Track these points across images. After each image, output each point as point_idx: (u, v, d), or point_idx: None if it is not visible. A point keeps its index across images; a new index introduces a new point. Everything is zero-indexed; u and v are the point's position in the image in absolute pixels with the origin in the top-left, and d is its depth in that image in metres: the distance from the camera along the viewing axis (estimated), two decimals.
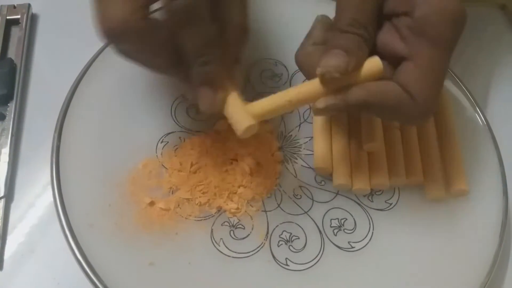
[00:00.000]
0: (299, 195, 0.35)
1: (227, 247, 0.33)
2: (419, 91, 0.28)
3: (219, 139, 0.37)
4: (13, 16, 0.43)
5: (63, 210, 0.32)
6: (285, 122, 0.39)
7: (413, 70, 0.29)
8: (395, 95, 0.29)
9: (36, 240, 0.34)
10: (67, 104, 0.36)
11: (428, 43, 0.28)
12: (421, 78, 0.28)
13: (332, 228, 0.34)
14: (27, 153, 0.37)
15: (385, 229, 0.34)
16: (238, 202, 0.34)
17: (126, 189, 0.34)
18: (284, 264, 0.32)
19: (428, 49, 0.28)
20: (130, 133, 0.36)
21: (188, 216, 0.33)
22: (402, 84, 0.29)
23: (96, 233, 0.32)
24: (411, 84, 0.28)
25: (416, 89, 0.28)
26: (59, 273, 0.32)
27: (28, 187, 0.36)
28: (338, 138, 0.36)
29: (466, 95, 0.41)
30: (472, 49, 0.46)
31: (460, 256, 0.34)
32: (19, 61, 0.40)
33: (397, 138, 0.37)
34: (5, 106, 0.38)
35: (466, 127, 0.39)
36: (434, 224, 0.35)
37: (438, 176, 0.35)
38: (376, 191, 0.36)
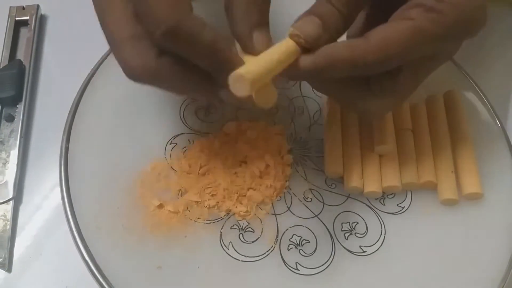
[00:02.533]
0: (310, 198, 0.35)
1: (236, 251, 0.32)
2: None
3: (228, 141, 0.36)
4: (22, 17, 0.43)
5: (71, 212, 0.32)
6: (295, 124, 0.38)
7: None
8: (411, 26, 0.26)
9: (45, 242, 0.34)
10: (75, 106, 0.36)
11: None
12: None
13: (343, 232, 0.34)
14: (36, 155, 0.37)
15: (397, 233, 0.34)
16: (247, 205, 0.34)
17: (135, 191, 0.34)
18: (294, 269, 0.32)
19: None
20: (139, 135, 0.36)
21: (197, 219, 0.33)
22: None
23: (104, 236, 0.32)
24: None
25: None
26: (67, 275, 0.32)
27: (37, 189, 0.36)
28: (349, 140, 0.36)
29: (479, 96, 0.40)
30: (485, 49, 0.46)
31: (474, 261, 0.33)
32: (28, 62, 0.40)
33: (410, 140, 0.36)
34: (14, 108, 0.38)
35: (479, 128, 0.38)
36: (447, 228, 0.34)
37: (451, 179, 0.35)
38: (388, 194, 0.35)
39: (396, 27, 0.26)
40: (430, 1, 0.26)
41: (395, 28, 0.26)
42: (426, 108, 0.38)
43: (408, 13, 0.27)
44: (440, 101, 0.38)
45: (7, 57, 0.40)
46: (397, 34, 0.26)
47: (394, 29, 0.26)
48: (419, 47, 0.27)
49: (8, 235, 0.33)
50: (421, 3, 0.27)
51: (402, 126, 0.36)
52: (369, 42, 0.26)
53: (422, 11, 0.26)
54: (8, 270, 0.32)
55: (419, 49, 0.27)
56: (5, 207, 0.34)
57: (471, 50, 0.45)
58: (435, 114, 0.38)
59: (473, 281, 0.32)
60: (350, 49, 0.26)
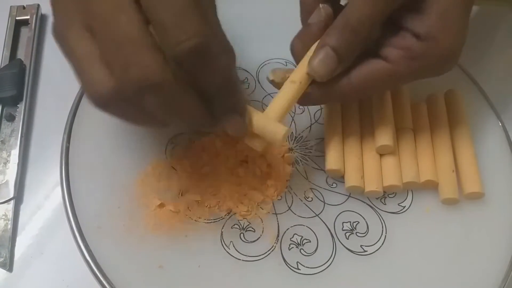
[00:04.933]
0: (310, 197, 0.35)
1: (237, 250, 0.32)
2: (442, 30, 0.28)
3: (229, 141, 0.36)
4: (23, 16, 0.43)
5: (72, 211, 0.32)
6: (296, 123, 0.38)
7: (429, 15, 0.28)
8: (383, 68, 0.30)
9: (45, 241, 0.34)
10: (76, 105, 0.36)
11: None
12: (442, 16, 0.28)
13: (344, 231, 0.34)
14: (37, 155, 0.37)
15: (398, 233, 0.34)
16: (248, 204, 0.34)
17: (136, 191, 0.34)
18: (295, 268, 0.32)
19: None
20: (140, 134, 0.36)
21: (198, 219, 0.33)
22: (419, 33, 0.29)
23: (105, 235, 0.32)
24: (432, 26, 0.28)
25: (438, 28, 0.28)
26: (68, 275, 0.32)
27: (38, 188, 0.36)
28: (350, 139, 0.36)
29: (480, 95, 0.40)
30: (486, 48, 0.46)
31: (475, 261, 0.33)
32: (29, 62, 0.40)
33: (410, 139, 0.36)
34: (14, 107, 0.38)
35: (480, 128, 0.38)
36: (448, 228, 0.34)
37: (452, 179, 0.35)
38: (389, 193, 0.35)
39: (374, 70, 0.30)
40: (413, 43, 0.29)
41: (374, 71, 0.30)
42: (427, 107, 0.38)
43: (391, 55, 0.30)
44: (441, 100, 0.38)
45: (8, 57, 0.40)
46: (375, 77, 0.30)
47: (372, 72, 0.30)
48: (392, 85, 0.34)
49: (9, 235, 0.33)
50: (405, 46, 0.29)
51: (403, 125, 0.36)
52: (351, 84, 0.30)
53: (402, 57, 0.29)
54: (9, 270, 0.32)
55: (393, 86, 0.35)
56: (6, 207, 0.34)
57: (473, 49, 0.45)
58: (436, 113, 0.38)
59: (474, 281, 0.32)
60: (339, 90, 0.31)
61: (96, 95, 0.24)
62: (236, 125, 0.28)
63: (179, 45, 0.23)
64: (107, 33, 0.23)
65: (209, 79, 0.25)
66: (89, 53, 0.24)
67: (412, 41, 0.29)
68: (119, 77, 0.23)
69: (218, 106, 0.27)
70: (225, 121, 0.28)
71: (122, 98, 0.24)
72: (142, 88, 0.23)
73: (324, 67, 0.29)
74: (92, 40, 0.24)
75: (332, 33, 0.29)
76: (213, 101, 0.27)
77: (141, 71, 0.23)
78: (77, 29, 0.24)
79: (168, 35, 0.23)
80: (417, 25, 0.29)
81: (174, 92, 0.24)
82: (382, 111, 0.36)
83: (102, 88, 0.24)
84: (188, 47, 0.23)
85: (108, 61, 0.23)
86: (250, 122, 0.29)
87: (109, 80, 0.23)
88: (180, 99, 0.25)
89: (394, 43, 0.30)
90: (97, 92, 0.24)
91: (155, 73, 0.23)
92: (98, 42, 0.24)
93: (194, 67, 0.24)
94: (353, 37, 0.29)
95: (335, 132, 0.36)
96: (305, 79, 0.30)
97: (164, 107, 0.25)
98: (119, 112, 0.26)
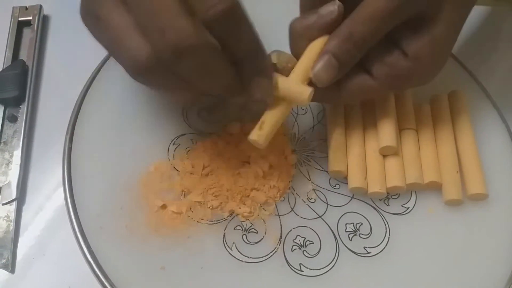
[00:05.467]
0: (313, 198, 0.35)
1: (240, 252, 0.32)
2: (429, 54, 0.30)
3: (232, 141, 0.36)
4: (25, 17, 0.43)
5: (74, 212, 0.32)
6: (298, 123, 0.38)
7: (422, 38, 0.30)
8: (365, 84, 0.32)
9: (48, 242, 0.33)
10: (78, 106, 0.36)
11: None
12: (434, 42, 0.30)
13: (347, 232, 0.33)
14: (39, 156, 0.37)
15: (401, 234, 0.33)
16: (250, 205, 0.34)
17: (138, 191, 0.33)
18: (298, 270, 0.32)
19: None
20: (142, 135, 0.36)
21: (200, 220, 0.33)
22: (407, 52, 0.30)
23: (107, 236, 0.31)
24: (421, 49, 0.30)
25: (426, 52, 0.30)
26: (71, 276, 0.32)
27: (40, 189, 0.35)
28: (353, 140, 0.36)
29: (484, 96, 0.40)
30: (489, 49, 0.45)
31: (479, 262, 0.33)
32: (31, 62, 0.40)
33: (414, 140, 0.36)
34: (17, 108, 0.38)
35: (484, 128, 0.38)
36: (452, 229, 0.34)
37: (456, 180, 0.35)
38: (392, 195, 0.35)
39: (360, 84, 0.32)
40: (399, 61, 0.31)
41: (360, 85, 0.32)
42: (430, 108, 0.38)
43: (377, 72, 0.31)
44: (445, 101, 0.38)
45: (10, 58, 0.40)
46: (360, 90, 0.32)
47: (359, 86, 0.32)
48: (375, 96, 0.36)
49: (11, 236, 0.33)
50: (391, 63, 0.31)
51: (406, 126, 0.36)
52: (339, 93, 0.32)
53: (386, 74, 0.31)
54: (11, 271, 0.32)
55: (375, 96, 0.36)
56: (8, 208, 0.34)
57: (476, 50, 0.44)
58: (439, 114, 0.37)
59: (478, 283, 0.32)
60: (328, 95, 0.33)
61: (134, 63, 0.25)
62: (264, 87, 0.29)
63: (211, 9, 0.24)
64: (141, 2, 0.24)
65: (238, 42, 0.27)
66: (125, 22, 0.25)
67: (399, 59, 0.31)
68: (156, 43, 0.24)
69: (246, 70, 0.28)
70: (254, 84, 0.28)
71: (159, 63, 0.25)
72: (178, 51, 0.24)
73: (326, 74, 0.30)
74: (127, 10, 0.25)
75: (336, 42, 0.30)
76: (241, 66, 0.28)
77: (177, 35, 0.24)
78: (110, 2, 0.25)
79: (200, 1, 0.24)
80: (408, 44, 0.30)
81: (209, 55, 0.25)
82: (385, 111, 0.36)
83: (140, 55, 0.25)
84: (219, 10, 0.24)
85: (144, 29, 0.25)
86: (276, 86, 0.29)
87: (145, 46, 0.24)
88: (213, 62, 0.26)
89: (382, 58, 0.31)
90: (135, 59, 0.25)
91: (190, 36, 0.24)
92: (132, 12, 0.25)
93: (224, 31, 0.25)
94: (355, 49, 0.30)
95: (338, 133, 0.36)
96: (306, 80, 0.31)
97: (199, 70, 0.26)
98: (155, 80, 0.27)
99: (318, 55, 0.30)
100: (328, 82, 0.31)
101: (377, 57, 0.31)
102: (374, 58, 0.31)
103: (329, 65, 0.30)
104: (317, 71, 0.30)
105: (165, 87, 0.28)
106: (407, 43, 0.30)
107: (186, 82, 0.27)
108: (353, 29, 0.30)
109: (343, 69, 0.31)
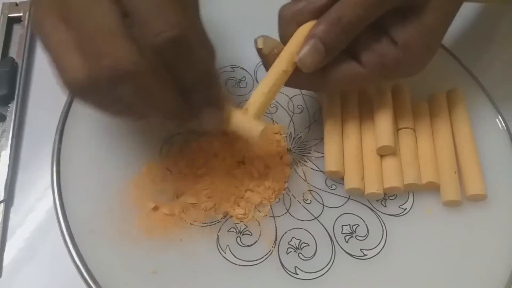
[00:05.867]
0: (309, 199, 0.34)
1: (234, 255, 0.31)
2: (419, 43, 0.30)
3: (226, 141, 0.35)
4: (15, 13, 0.42)
5: (63, 215, 0.31)
6: (294, 122, 0.38)
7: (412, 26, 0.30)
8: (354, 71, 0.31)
9: (36, 245, 0.33)
10: (68, 105, 0.35)
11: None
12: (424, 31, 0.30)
13: (344, 234, 0.33)
14: (28, 156, 0.36)
15: (399, 236, 0.33)
16: (245, 207, 0.33)
17: (129, 193, 0.33)
18: (293, 273, 0.31)
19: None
20: (134, 134, 0.35)
21: (193, 222, 0.32)
22: (396, 40, 0.30)
23: (97, 239, 0.31)
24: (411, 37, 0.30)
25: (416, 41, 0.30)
26: (60, 280, 0.31)
27: (29, 191, 0.35)
28: (350, 140, 0.35)
29: (482, 95, 0.39)
30: (488, 47, 0.45)
31: (478, 264, 0.32)
32: (21, 60, 0.39)
33: (412, 140, 0.35)
34: (5, 107, 0.37)
35: (483, 128, 0.38)
36: (450, 231, 0.33)
37: (454, 180, 0.34)
38: (390, 195, 0.35)
39: (349, 72, 0.31)
40: (389, 50, 0.30)
41: (348, 72, 0.31)
42: (428, 106, 0.37)
43: (365, 59, 0.31)
44: (443, 100, 0.38)
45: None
46: (348, 78, 0.31)
47: (347, 73, 0.31)
48: (363, 85, 0.36)
49: None
50: (380, 51, 0.30)
51: (404, 125, 0.36)
52: (327, 80, 0.31)
53: (375, 63, 0.30)
54: None
55: (363, 86, 0.36)
56: None
57: (475, 48, 0.44)
58: (437, 113, 0.37)
59: (478, 285, 0.32)
60: (316, 82, 0.32)
61: (70, 83, 0.25)
62: (213, 118, 0.28)
63: (158, 36, 0.23)
64: (81, 22, 0.24)
65: (187, 71, 0.26)
66: (64, 41, 0.24)
67: (388, 48, 0.30)
68: (92, 66, 0.23)
69: (196, 99, 0.27)
70: (204, 114, 0.28)
71: (96, 86, 0.24)
72: (114, 77, 0.23)
73: (311, 58, 0.30)
74: (67, 29, 0.24)
75: (324, 26, 0.29)
76: (191, 95, 0.27)
77: (114, 60, 0.23)
78: (52, 18, 0.25)
79: (147, 25, 0.23)
80: (398, 32, 0.30)
81: (148, 82, 0.24)
82: (382, 110, 0.35)
83: (76, 76, 0.24)
84: (167, 37, 0.23)
85: (82, 50, 0.24)
86: (227, 119, 0.29)
87: (82, 68, 0.24)
88: (154, 89, 0.25)
89: (371, 45, 0.30)
90: (71, 79, 0.24)
91: (127, 62, 0.23)
92: (72, 31, 0.24)
93: (172, 59, 0.24)
94: (343, 34, 0.29)
95: (334, 132, 0.35)
96: (292, 65, 0.30)
97: (138, 97, 0.25)
98: (94, 102, 0.26)
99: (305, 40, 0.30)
100: (313, 68, 0.30)
101: (366, 45, 0.30)
102: (363, 46, 0.31)
103: (315, 50, 0.29)
104: (303, 55, 0.30)
105: (105, 109, 0.27)
106: (397, 31, 0.30)
107: (126, 106, 0.26)
108: (341, 14, 0.29)
109: (330, 54, 0.30)
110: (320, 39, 0.29)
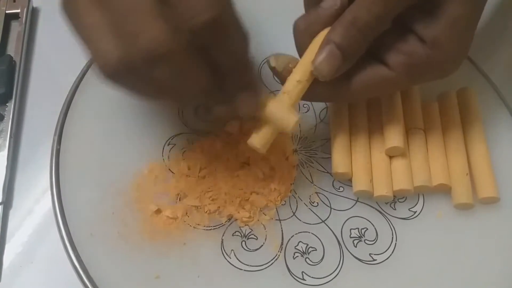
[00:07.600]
0: (316, 202, 0.33)
1: (239, 259, 0.31)
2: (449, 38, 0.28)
3: (230, 142, 0.35)
4: (13, 10, 0.41)
5: (62, 218, 0.30)
6: (300, 122, 0.36)
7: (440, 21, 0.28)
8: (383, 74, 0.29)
9: (35, 249, 0.32)
10: (68, 104, 0.35)
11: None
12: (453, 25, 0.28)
13: (352, 238, 0.32)
14: (27, 156, 0.35)
15: (409, 240, 0.32)
16: (250, 210, 0.32)
17: (130, 195, 0.32)
18: (300, 278, 0.30)
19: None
20: (135, 135, 0.35)
21: (196, 225, 0.32)
22: (425, 38, 0.28)
23: (97, 243, 0.30)
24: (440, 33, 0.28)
25: (446, 36, 0.28)
26: (60, 285, 0.31)
27: (28, 193, 0.34)
28: (358, 141, 0.34)
29: (494, 94, 0.38)
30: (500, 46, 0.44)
31: (490, 268, 0.31)
32: (19, 58, 0.39)
33: (421, 140, 0.34)
34: (3, 106, 0.36)
35: (495, 128, 0.37)
36: (462, 234, 0.33)
37: (466, 183, 0.33)
38: (399, 198, 0.34)
39: (375, 76, 0.29)
40: (417, 48, 0.28)
41: (375, 77, 0.30)
42: (438, 106, 0.36)
43: (393, 61, 0.29)
44: (454, 99, 0.37)
45: None
46: (375, 83, 0.30)
47: (374, 78, 0.30)
48: (392, 90, 0.34)
49: None
50: (408, 51, 0.28)
51: (413, 126, 0.35)
52: (351, 88, 0.30)
53: (404, 64, 0.29)
54: None
55: (392, 91, 0.34)
56: None
57: (487, 47, 0.43)
58: (448, 112, 0.36)
59: None
60: (339, 91, 0.30)
61: (104, 66, 0.24)
62: (248, 102, 0.28)
63: (195, 18, 0.23)
64: (115, 3, 0.23)
65: (223, 54, 0.26)
66: (98, 23, 0.24)
67: (416, 46, 0.28)
68: (127, 47, 0.23)
69: (231, 83, 0.27)
70: (239, 99, 0.28)
71: (131, 68, 0.24)
72: (149, 57, 0.23)
73: (328, 66, 0.28)
74: (101, 11, 0.24)
75: (338, 30, 0.28)
76: (226, 79, 0.27)
77: (149, 40, 0.23)
78: (84, 0, 0.24)
79: (184, 7, 0.23)
80: (424, 29, 0.28)
81: (183, 63, 0.24)
82: (391, 110, 0.34)
83: (111, 58, 0.23)
84: (204, 19, 0.23)
85: (117, 31, 0.23)
86: (262, 105, 0.28)
87: (117, 49, 0.23)
88: (189, 70, 0.25)
89: (397, 46, 0.29)
90: (106, 62, 0.24)
91: (163, 43, 0.23)
92: (107, 12, 0.24)
93: (208, 41, 0.25)
94: (360, 37, 0.28)
95: (342, 132, 0.34)
96: (310, 76, 0.29)
97: (172, 78, 0.25)
98: (128, 84, 0.26)
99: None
100: (331, 75, 0.28)
101: (391, 46, 0.29)
102: (388, 47, 0.29)
103: (332, 56, 0.28)
104: (319, 63, 0.28)
105: (137, 92, 0.27)
106: (423, 28, 0.28)
107: (160, 87, 0.26)
108: (356, 15, 0.27)
109: (348, 60, 0.28)
110: (336, 44, 0.28)
